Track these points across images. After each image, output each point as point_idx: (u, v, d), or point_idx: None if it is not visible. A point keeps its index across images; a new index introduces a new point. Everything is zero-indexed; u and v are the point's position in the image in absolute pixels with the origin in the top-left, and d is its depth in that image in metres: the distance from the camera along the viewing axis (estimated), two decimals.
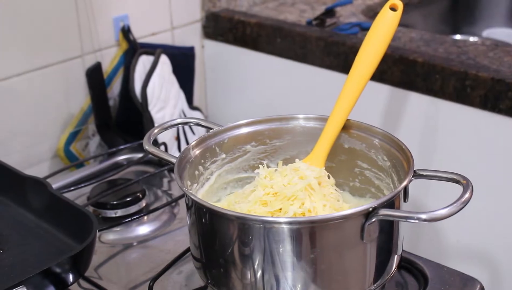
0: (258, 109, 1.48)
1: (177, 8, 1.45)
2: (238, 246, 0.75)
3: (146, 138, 0.90)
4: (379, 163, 0.88)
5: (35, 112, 1.26)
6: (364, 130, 0.90)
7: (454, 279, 0.90)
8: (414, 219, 0.70)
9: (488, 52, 1.22)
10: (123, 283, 0.94)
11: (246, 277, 0.76)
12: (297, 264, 0.74)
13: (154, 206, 1.09)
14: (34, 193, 0.96)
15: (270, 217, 0.76)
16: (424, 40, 1.29)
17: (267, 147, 0.94)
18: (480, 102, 1.14)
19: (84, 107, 1.32)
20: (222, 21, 1.48)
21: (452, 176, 0.78)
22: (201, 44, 1.53)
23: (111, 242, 1.03)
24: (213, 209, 0.76)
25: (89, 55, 1.30)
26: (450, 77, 1.16)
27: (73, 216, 0.89)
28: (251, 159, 0.94)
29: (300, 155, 0.94)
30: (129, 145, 1.24)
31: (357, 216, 0.73)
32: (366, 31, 1.34)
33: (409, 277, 0.92)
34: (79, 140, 1.33)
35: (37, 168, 1.27)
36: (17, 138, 1.24)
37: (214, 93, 1.57)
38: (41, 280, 0.79)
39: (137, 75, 1.30)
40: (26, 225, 0.95)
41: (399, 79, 1.23)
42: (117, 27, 1.34)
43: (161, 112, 1.31)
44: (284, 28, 1.38)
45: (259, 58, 1.44)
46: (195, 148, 0.89)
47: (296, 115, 0.94)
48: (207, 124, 0.94)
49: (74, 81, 1.30)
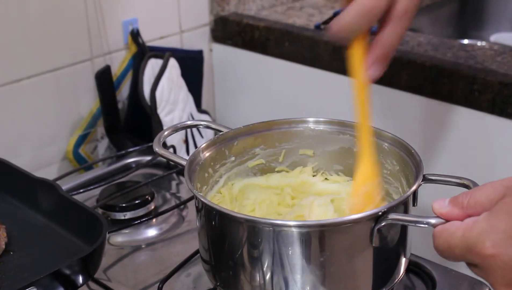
0: (266, 112, 1.48)
1: (186, 12, 1.45)
2: (248, 248, 0.75)
3: (156, 140, 0.90)
4: (388, 167, 0.88)
5: (45, 114, 1.26)
6: (373, 134, 0.90)
7: (462, 283, 0.90)
8: (423, 224, 0.70)
9: (496, 56, 1.23)
10: (132, 285, 0.95)
11: (255, 279, 0.76)
12: (306, 267, 0.74)
13: (162, 208, 1.09)
14: (44, 195, 0.97)
15: (279, 220, 0.77)
16: (432, 45, 1.29)
17: (276, 150, 0.94)
18: (488, 106, 1.14)
19: (93, 110, 1.33)
20: (231, 25, 1.48)
21: (461, 181, 0.78)
22: (209, 47, 1.53)
23: (120, 244, 1.03)
24: (222, 211, 0.76)
25: (98, 58, 1.31)
26: (458, 81, 1.16)
27: (83, 218, 0.90)
28: (259, 161, 0.95)
29: (308, 158, 0.94)
30: (138, 148, 1.24)
31: (367, 220, 0.73)
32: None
33: (417, 280, 0.92)
34: (88, 142, 1.33)
35: (46, 171, 1.28)
36: (26, 141, 1.25)
37: (222, 97, 1.57)
38: (51, 282, 0.79)
39: (146, 78, 1.31)
40: (36, 227, 0.95)
41: (407, 83, 1.23)
42: (126, 31, 1.35)
43: (170, 115, 1.32)
44: (293, 32, 1.38)
45: (268, 62, 1.44)
46: (205, 150, 0.89)
47: (306, 119, 0.94)
48: (216, 126, 0.94)
49: (83, 84, 1.30)
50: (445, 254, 0.67)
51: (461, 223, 0.65)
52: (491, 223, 0.63)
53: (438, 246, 0.67)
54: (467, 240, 0.64)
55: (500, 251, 0.62)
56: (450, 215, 0.67)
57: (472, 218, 0.65)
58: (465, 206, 0.66)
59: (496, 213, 0.63)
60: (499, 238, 0.62)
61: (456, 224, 0.66)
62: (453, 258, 0.66)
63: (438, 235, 0.67)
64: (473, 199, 0.66)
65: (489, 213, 0.64)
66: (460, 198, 0.67)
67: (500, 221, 0.62)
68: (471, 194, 0.66)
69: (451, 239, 0.65)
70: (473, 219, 0.65)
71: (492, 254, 0.62)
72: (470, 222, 0.64)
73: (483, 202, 0.65)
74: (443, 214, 0.68)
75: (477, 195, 0.66)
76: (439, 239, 0.67)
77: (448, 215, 0.67)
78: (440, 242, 0.66)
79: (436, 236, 0.67)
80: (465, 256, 0.65)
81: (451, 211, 0.67)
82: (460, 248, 0.64)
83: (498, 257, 0.62)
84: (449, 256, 0.66)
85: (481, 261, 0.63)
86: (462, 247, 0.64)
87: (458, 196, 0.68)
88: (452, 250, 0.65)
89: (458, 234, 0.64)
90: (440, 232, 0.66)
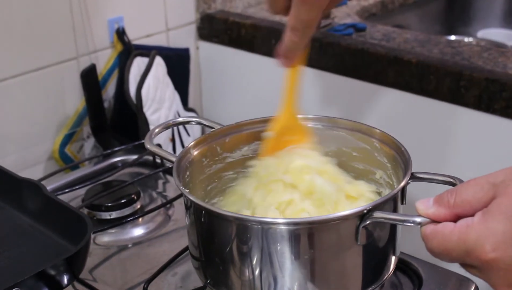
0: (254, 110, 1.47)
1: (172, 9, 1.45)
2: (237, 245, 0.75)
3: (148, 137, 0.90)
4: (378, 165, 0.88)
5: (30, 114, 1.26)
6: (364, 131, 0.90)
7: (449, 280, 0.90)
8: (409, 223, 0.69)
9: (483, 52, 1.23)
10: (118, 285, 0.94)
11: (245, 275, 0.76)
12: (294, 264, 0.74)
13: (149, 207, 1.09)
14: (28, 196, 0.96)
15: (268, 218, 0.76)
16: (418, 41, 1.29)
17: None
18: (474, 102, 1.14)
19: (79, 109, 1.32)
20: (217, 23, 1.48)
21: (448, 179, 0.78)
22: (196, 45, 1.53)
23: (106, 244, 1.02)
24: (210, 209, 0.76)
25: (83, 57, 1.30)
26: (444, 77, 1.16)
27: (68, 218, 0.89)
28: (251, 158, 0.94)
29: None
30: (124, 147, 1.24)
31: (352, 218, 0.73)
32: (360, 32, 1.35)
33: (404, 278, 0.92)
34: (74, 142, 1.33)
35: (32, 170, 1.27)
36: (11, 140, 1.24)
37: (209, 95, 1.57)
38: (35, 282, 0.78)
39: (131, 76, 1.30)
40: (20, 227, 0.94)
41: (394, 80, 1.23)
42: (111, 29, 1.34)
43: (156, 114, 1.31)
44: (279, 29, 1.38)
45: (254, 60, 1.44)
46: (195, 147, 0.88)
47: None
48: (208, 123, 0.94)
49: (69, 83, 1.30)
50: (441, 257, 0.65)
51: (454, 226, 0.64)
52: (488, 225, 0.61)
53: (433, 249, 0.65)
54: (464, 243, 0.62)
55: (501, 254, 0.61)
56: (437, 216, 0.65)
57: (465, 220, 0.63)
58: (452, 205, 0.65)
59: (492, 214, 0.62)
60: (499, 241, 0.61)
61: (449, 227, 0.64)
62: (449, 260, 0.65)
63: (431, 238, 0.65)
64: (460, 198, 0.64)
65: (483, 214, 0.62)
66: (446, 197, 0.65)
67: (498, 223, 0.61)
68: (457, 192, 0.65)
69: (447, 243, 0.64)
70: (466, 221, 0.63)
71: (493, 258, 0.61)
72: (464, 224, 0.63)
73: (470, 200, 0.64)
74: (429, 215, 0.66)
75: (463, 193, 0.65)
76: (432, 241, 0.65)
77: (434, 215, 0.65)
78: (434, 245, 0.65)
79: (429, 238, 0.65)
80: (464, 259, 0.63)
81: (438, 211, 0.65)
82: (458, 252, 0.63)
83: (499, 260, 0.61)
84: (445, 259, 0.65)
85: (481, 264, 0.62)
86: (459, 251, 0.63)
87: (442, 195, 0.66)
88: (448, 253, 0.64)
89: (454, 238, 0.63)
90: (433, 235, 0.65)
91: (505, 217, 0.61)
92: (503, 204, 0.62)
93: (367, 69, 1.26)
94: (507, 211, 0.61)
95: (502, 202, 0.62)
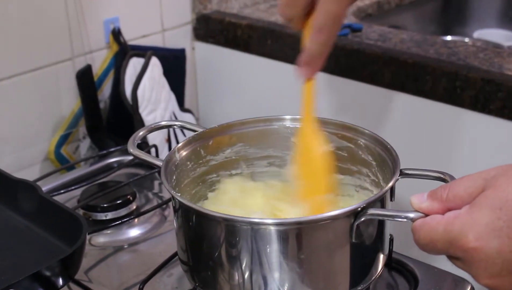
0: (250, 110, 1.48)
1: (168, 10, 1.45)
2: (226, 247, 0.75)
3: (131, 141, 0.89)
4: (365, 163, 0.88)
5: (26, 115, 1.25)
6: (349, 131, 0.90)
7: (445, 280, 0.90)
8: (402, 218, 0.70)
9: (479, 53, 1.23)
10: (114, 286, 0.94)
11: (234, 278, 0.76)
12: (285, 265, 0.74)
13: (144, 208, 1.09)
14: (24, 196, 0.96)
15: (257, 219, 0.76)
16: (414, 41, 1.29)
17: (251, 149, 0.94)
18: (470, 103, 1.14)
19: (74, 109, 1.32)
20: (213, 23, 1.48)
21: (438, 175, 0.78)
22: (192, 46, 1.53)
23: (102, 245, 1.02)
24: (199, 211, 0.76)
25: (79, 57, 1.30)
26: (440, 78, 1.16)
27: (63, 219, 0.89)
28: (234, 161, 0.94)
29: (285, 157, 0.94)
30: (120, 148, 1.24)
31: (346, 216, 0.73)
32: (356, 32, 1.34)
33: (400, 278, 0.92)
34: (69, 142, 1.33)
35: (28, 171, 1.27)
36: (7, 141, 1.23)
37: (205, 95, 1.57)
38: (31, 283, 0.78)
39: (127, 77, 1.30)
40: (16, 228, 0.94)
41: (390, 80, 1.23)
42: (107, 30, 1.34)
43: (152, 115, 1.31)
44: (275, 30, 1.38)
45: (250, 60, 1.44)
46: (181, 150, 0.88)
47: (282, 116, 0.93)
48: (191, 126, 0.94)
49: (65, 84, 1.29)
50: (426, 248, 0.67)
51: (442, 217, 0.65)
52: (473, 216, 0.63)
53: (419, 240, 0.67)
54: (449, 234, 0.64)
55: (483, 244, 0.62)
56: (430, 210, 0.67)
57: (453, 212, 0.65)
58: (444, 199, 0.66)
59: (477, 206, 0.63)
60: (482, 231, 0.62)
61: (437, 218, 0.65)
62: (435, 252, 0.66)
63: (419, 229, 0.66)
64: (452, 193, 0.66)
65: (470, 206, 0.64)
66: (439, 191, 0.67)
67: (482, 214, 0.62)
68: (450, 187, 0.66)
69: (433, 234, 0.65)
70: (454, 213, 0.65)
71: (475, 247, 0.62)
72: (452, 215, 0.64)
73: (462, 195, 0.65)
74: (422, 208, 0.67)
75: (455, 188, 0.66)
76: (419, 232, 0.66)
77: (428, 209, 0.67)
78: (421, 236, 0.66)
79: (417, 230, 0.67)
80: (447, 250, 0.65)
81: (431, 205, 0.67)
82: (442, 242, 0.64)
83: (481, 250, 0.62)
84: (431, 250, 0.66)
85: (463, 254, 0.64)
86: (444, 241, 0.64)
87: (436, 190, 0.67)
88: (434, 244, 0.65)
89: (440, 229, 0.64)
90: (421, 226, 0.66)
91: (490, 209, 0.62)
92: (490, 196, 0.63)
93: (363, 70, 1.26)
94: (493, 203, 0.62)
95: (488, 194, 0.63)
